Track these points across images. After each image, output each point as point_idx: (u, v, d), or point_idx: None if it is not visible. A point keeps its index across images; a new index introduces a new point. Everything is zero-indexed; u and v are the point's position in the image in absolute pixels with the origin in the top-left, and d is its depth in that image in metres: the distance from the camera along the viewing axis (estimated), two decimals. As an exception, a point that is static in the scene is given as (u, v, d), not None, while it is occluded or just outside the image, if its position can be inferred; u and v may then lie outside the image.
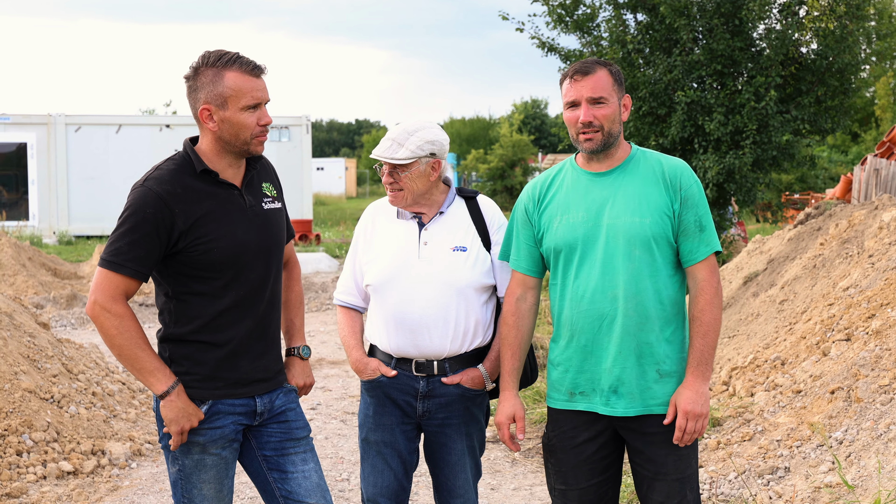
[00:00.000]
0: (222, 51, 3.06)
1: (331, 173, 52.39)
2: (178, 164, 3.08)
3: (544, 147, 61.31)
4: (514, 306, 3.43)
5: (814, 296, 7.60)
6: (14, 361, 6.34)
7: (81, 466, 5.82)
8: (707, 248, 3.21)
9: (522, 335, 3.44)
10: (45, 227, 24.09)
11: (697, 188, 3.23)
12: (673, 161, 3.29)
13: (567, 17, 14.46)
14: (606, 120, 3.19)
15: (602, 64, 3.24)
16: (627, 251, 3.18)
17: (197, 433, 3.10)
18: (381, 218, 3.66)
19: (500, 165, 39.38)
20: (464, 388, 3.58)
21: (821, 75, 13.73)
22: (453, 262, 3.54)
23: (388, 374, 3.56)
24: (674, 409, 3.18)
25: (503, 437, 3.47)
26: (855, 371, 5.41)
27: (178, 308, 3.10)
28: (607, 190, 3.25)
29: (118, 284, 2.98)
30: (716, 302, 3.19)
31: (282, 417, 3.26)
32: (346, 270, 3.71)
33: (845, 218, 9.36)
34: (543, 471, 5.98)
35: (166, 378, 3.03)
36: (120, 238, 2.98)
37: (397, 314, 3.52)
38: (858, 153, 37.48)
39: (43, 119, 24.24)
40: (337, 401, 7.90)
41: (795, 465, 5.00)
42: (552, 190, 3.36)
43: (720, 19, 13.38)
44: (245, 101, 3.02)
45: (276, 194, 3.28)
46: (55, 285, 14.09)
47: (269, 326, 3.23)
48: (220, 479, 3.17)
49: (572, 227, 3.25)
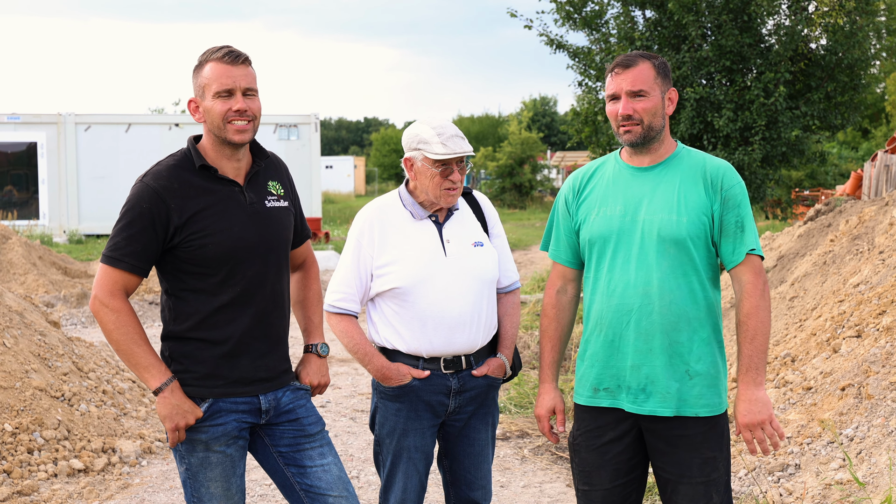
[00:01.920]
0: (212, 47, 3.11)
1: (340, 171, 52.46)
2: (177, 160, 3.11)
3: (553, 145, 61.27)
4: (555, 298, 3.42)
5: (824, 292, 7.58)
6: (25, 360, 6.36)
7: (92, 464, 5.84)
8: (746, 247, 3.13)
9: (562, 327, 3.42)
10: (56, 226, 24.16)
11: (740, 189, 3.17)
12: (716, 161, 3.23)
13: (575, 14, 14.45)
14: (647, 113, 3.15)
15: (646, 57, 3.19)
16: (661, 249, 3.13)
17: (199, 431, 3.11)
18: (389, 219, 3.57)
19: (508, 163, 39.38)
20: (490, 377, 3.61)
21: (830, 71, 13.68)
22: (478, 256, 3.58)
23: (421, 376, 3.50)
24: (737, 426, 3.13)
25: (543, 429, 3.45)
26: (866, 368, 5.39)
27: (176, 305, 3.12)
28: (647, 185, 3.20)
29: (116, 280, 3.02)
30: (762, 305, 3.11)
31: (292, 415, 3.25)
32: (347, 275, 3.54)
33: (855, 214, 9.33)
34: (552, 468, 5.99)
35: (161, 374, 3.04)
36: (118, 233, 3.02)
37: (436, 313, 3.47)
38: (868, 149, 37.35)
39: (53, 118, 24.29)
40: (346, 399, 7.91)
41: (806, 462, 4.99)
42: (592, 182, 3.34)
43: (729, 15, 13.35)
44: (215, 87, 3.03)
45: (283, 193, 3.27)
46: (65, 284, 14.13)
47: (271, 325, 3.21)
48: (227, 478, 3.16)
49: (608, 221, 3.22)
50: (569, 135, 16.82)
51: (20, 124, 24.34)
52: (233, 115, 3.04)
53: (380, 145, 66.82)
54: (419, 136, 3.50)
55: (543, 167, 42.37)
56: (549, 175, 43.95)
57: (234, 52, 3.05)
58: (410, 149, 3.54)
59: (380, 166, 64.82)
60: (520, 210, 37.57)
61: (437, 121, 3.54)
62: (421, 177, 3.52)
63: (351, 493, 3.26)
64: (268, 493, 5.55)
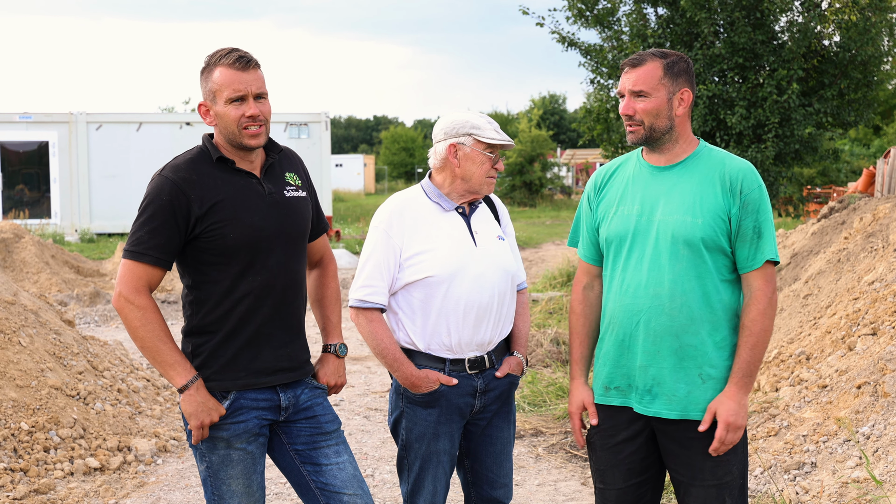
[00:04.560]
0: (219, 49, 3.12)
1: (349, 170, 52.52)
2: (194, 154, 3.15)
3: (563, 142, 61.25)
4: (582, 295, 3.41)
5: (838, 290, 7.55)
6: (40, 359, 6.39)
7: (108, 463, 5.86)
8: (763, 256, 3.09)
9: (590, 324, 3.40)
10: (67, 225, 24.26)
11: (759, 193, 3.10)
12: (737, 162, 3.17)
13: (587, 12, 14.47)
14: (647, 114, 3.13)
15: (658, 55, 3.15)
16: (674, 250, 3.10)
17: (220, 428, 3.12)
18: (416, 211, 3.54)
19: (518, 161, 39.37)
20: (511, 375, 3.63)
21: (843, 68, 13.65)
22: (502, 249, 3.61)
23: (450, 384, 3.48)
24: (711, 418, 3.09)
25: (575, 426, 3.41)
26: (882, 365, 5.37)
27: (198, 298, 3.13)
28: (665, 185, 3.17)
29: (141, 275, 3.03)
30: (768, 313, 3.08)
31: (309, 413, 3.27)
32: (377, 268, 3.46)
33: (870, 211, 9.29)
34: (567, 467, 5.99)
35: (186, 372, 3.06)
36: (140, 227, 3.04)
37: (467, 303, 3.45)
38: (881, 146, 37.19)
39: (64, 118, 24.39)
40: (360, 397, 7.92)
41: (822, 461, 4.97)
42: (613, 180, 3.32)
43: (741, 12, 13.33)
44: (227, 93, 3.05)
45: (300, 184, 3.30)
46: (78, 283, 14.19)
47: (292, 315, 3.22)
48: (248, 475, 3.18)
49: (625, 219, 3.20)
50: (580, 132, 16.82)
51: (32, 123, 24.44)
52: (246, 120, 3.07)
53: (389, 143, 66.89)
54: (470, 122, 3.50)
55: (553, 165, 42.35)
56: (559, 173, 43.91)
57: (244, 58, 3.07)
58: (459, 134, 3.50)
59: (389, 164, 64.87)
60: (530, 208, 37.55)
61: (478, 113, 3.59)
62: (468, 162, 3.50)
63: (365, 492, 3.27)
64: (283, 491, 5.56)
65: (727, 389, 3.10)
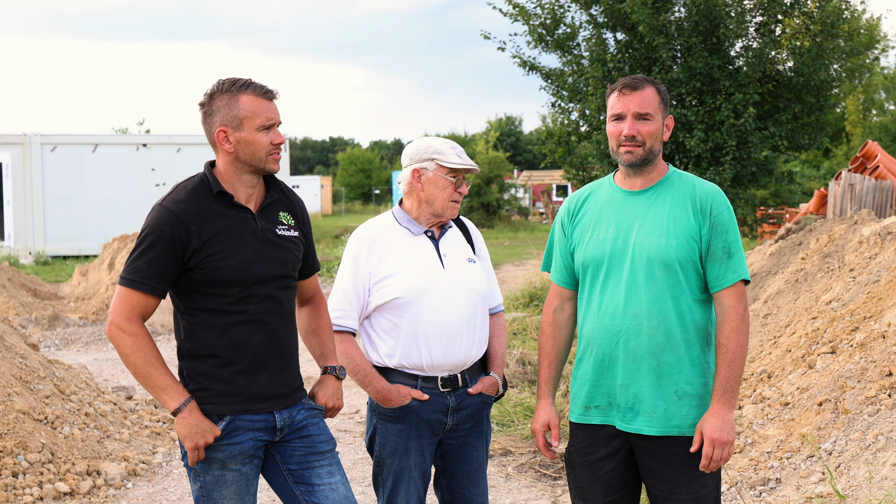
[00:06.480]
0: (235, 77, 3.20)
1: (307, 191, 52.34)
2: (195, 185, 3.20)
3: (520, 164, 61.61)
4: (552, 317, 3.50)
5: (797, 309, 7.73)
6: (7, 383, 6.33)
7: (78, 487, 5.82)
8: (734, 275, 3.20)
9: (559, 345, 3.49)
10: (21, 248, 23.93)
11: (728, 215, 3.23)
12: (706, 186, 3.29)
13: (548, 37, 14.64)
14: (650, 137, 3.23)
15: (650, 82, 3.28)
16: (650, 271, 3.20)
17: (216, 449, 3.16)
18: (386, 238, 3.65)
19: (476, 182, 39.52)
20: (485, 395, 3.70)
21: (798, 92, 13.97)
22: (472, 271, 3.70)
23: (421, 398, 3.57)
24: (700, 437, 3.17)
25: (539, 443, 3.51)
26: (842, 383, 5.51)
27: (190, 324, 3.18)
28: (639, 209, 3.28)
29: (135, 304, 3.08)
30: (742, 329, 3.18)
31: (304, 432, 3.31)
32: (345, 293, 3.62)
33: (825, 233, 9.52)
34: (537, 486, 6.05)
35: (178, 395, 3.10)
36: (139, 256, 3.08)
37: (436, 324, 3.55)
38: (830, 168, 37.96)
39: (18, 139, 24.10)
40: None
41: (787, 477, 5.09)
42: (587, 205, 3.41)
43: (698, 38, 13.60)
44: (259, 121, 3.15)
45: (293, 224, 3.36)
46: (36, 306, 14.01)
47: (286, 343, 3.29)
48: (241, 496, 3.21)
49: (601, 244, 3.30)
50: (540, 154, 16.98)
51: (-15, 144, 24.11)
52: (273, 148, 3.19)
53: (346, 165, 66.79)
54: (433, 147, 3.62)
55: (511, 186, 42.58)
56: (517, 194, 44.18)
57: (270, 89, 3.20)
58: (422, 159, 3.62)
59: (346, 185, 64.77)
60: (488, 229, 37.69)
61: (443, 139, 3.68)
62: (431, 186, 3.62)
63: None
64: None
65: (711, 407, 3.19)
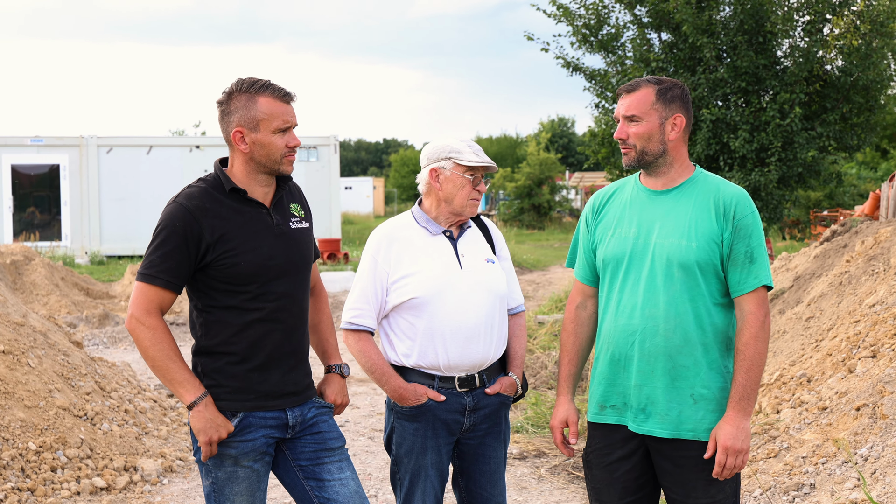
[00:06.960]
0: (254, 78, 3.23)
1: (359, 192, 52.71)
2: (208, 183, 3.25)
3: (571, 165, 61.31)
4: (574, 314, 3.50)
5: (840, 313, 7.60)
6: (49, 379, 6.47)
7: (114, 482, 5.93)
8: (755, 280, 3.15)
9: (581, 342, 3.49)
10: (78, 248, 24.41)
11: (752, 219, 3.18)
12: (731, 189, 3.25)
13: (591, 37, 14.56)
14: (639, 138, 3.22)
15: (652, 82, 3.26)
16: (669, 273, 3.17)
17: (228, 446, 3.20)
18: (404, 237, 3.66)
19: (527, 184, 39.46)
20: (503, 395, 3.70)
21: (846, 92, 13.70)
22: (491, 271, 3.69)
23: (438, 399, 3.58)
24: (714, 444, 3.14)
25: (556, 440, 3.50)
26: (881, 388, 5.41)
27: (207, 321, 3.23)
28: (662, 209, 3.26)
29: (152, 297, 3.13)
30: (761, 336, 3.13)
31: (314, 429, 3.35)
32: (364, 292, 3.61)
33: (871, 235, 9.34)
34: (569, 488, 6.03)
35: (195, 389, 3.15)
36: (153, 251, 3.15)
37: (453, 324, 3.55)
38: (888, 169, 37.18)
39: (75, 141, 24.61)
40: (365, 418, 7.98)
41: (821, 482, 5.01)
42: (611, 203, 3.41)
43: (743, 37, 13.41)
44: (276, 124, 3.19)
45: (303, 215, 3.41)
46: (87, 304, 14.30)
47: (299, 341, 3.33)
48: (252, 492, 3.26)
49: (622, 242, 3.28)
50: (586, 155, 16.90)
51: (43, 146, 24.66)
52: (288, 150, 3.23)
53: (399, 166, 67.10)
54: (449, 146, 3.63)
55: (562, 188, 42.43)
56: (568, 196, 44.00)
57: (287, 91, 3.24)
58: (439, 159, 3.64)
59: (399, 187, 65.04)
60: (538, 231, 37.62)
61: (462, 136, 3.69)
62: (449, 185, 3.63)
63: None
64: (287, 511, 5.62)
65: (726, 415, 3.14)
